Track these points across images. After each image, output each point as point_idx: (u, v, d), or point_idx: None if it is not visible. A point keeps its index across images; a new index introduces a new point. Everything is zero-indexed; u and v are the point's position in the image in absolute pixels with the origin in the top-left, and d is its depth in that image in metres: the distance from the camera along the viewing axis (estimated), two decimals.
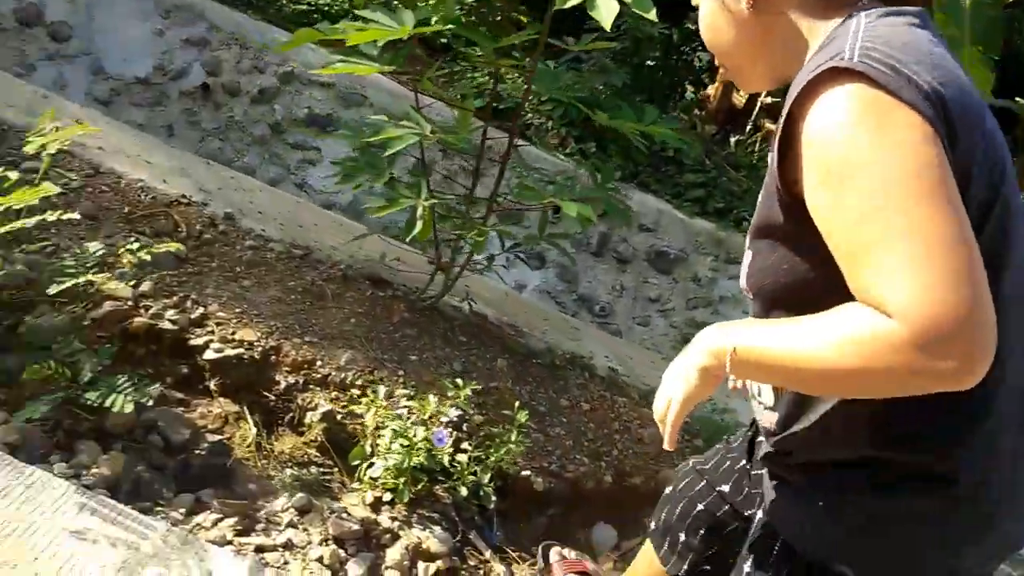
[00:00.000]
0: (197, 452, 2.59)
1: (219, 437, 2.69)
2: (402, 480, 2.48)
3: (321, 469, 2.75)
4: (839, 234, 0.89)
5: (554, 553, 2.52)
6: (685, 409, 1.14)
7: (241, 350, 2.83)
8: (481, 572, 2.53)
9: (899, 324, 0.81)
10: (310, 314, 3.13)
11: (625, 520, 3.02)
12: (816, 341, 0.88)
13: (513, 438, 2.61)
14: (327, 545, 2.31)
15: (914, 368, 0.80)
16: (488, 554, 2.55)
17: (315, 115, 6.27)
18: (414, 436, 2.48)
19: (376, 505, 2.59)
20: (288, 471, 2.67)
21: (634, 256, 6.39)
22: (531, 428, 3.00)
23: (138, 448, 2.49)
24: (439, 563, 2.37)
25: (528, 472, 2.81)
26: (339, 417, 2.79)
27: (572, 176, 5.58)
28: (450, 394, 2.68)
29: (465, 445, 2.69)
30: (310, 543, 2.31)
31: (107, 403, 2.29)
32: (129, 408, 2.27)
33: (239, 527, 2.30)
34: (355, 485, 2.72)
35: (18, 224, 2.22)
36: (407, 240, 2.80)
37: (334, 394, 2.84)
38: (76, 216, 2.30)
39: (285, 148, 6.28)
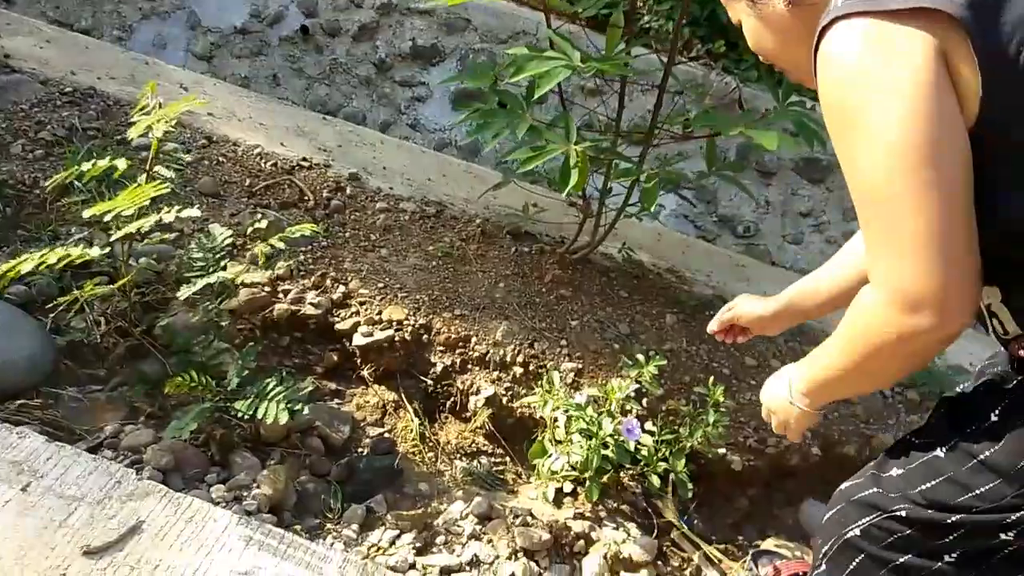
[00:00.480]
0: (360, 452, 2.35)
1: (380, 430, 2.44)
2: (588, 475, 2.16)
3: (492, 459, 2.47)
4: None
5: (764, 563, 2.16)
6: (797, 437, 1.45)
7: (391, 331, 2.54)
8: (688, 573, 2.21)
9: (878, 292, 1.00)
10: (456, 282, 2.81)
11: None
12: (838, 352, 1.15)
13: (711, 419, 2.22)
14: (516, 559, 2.03)
15: (897, 326, 0.99)
16: (697, 556, 2.21)
17: (419, 47, 5.85)
18: (600, 429, 2.14)
19: (558, 498, 2.29)
20: (458, 464, 2.41)
21: (779, 166, 5.74)
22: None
23: (297, 455, 2.27)
24: (644, 573, 2.06)
25: (723, 450, 2.44)
26: (504, 400, 2.48)
27: (707, 87, 4.97)
28: (632, 373, 2.31)
29: (648, 425, 2.33)
30: (497, 558, 2.04)
31: (259, 414, 2.04)
32: (284, 419, 2.03)
33: (418, 543, 2.05)
34: (533, 480, 2.43)
35: (132, 228, 1.95)
36: (564, 193, 2.40)
37: (495, 374, 2.53)
38: (195, 214, 2.02)
39: (392, 87, 5.91)
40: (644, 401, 2.50)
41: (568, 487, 2.35)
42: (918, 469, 1.25)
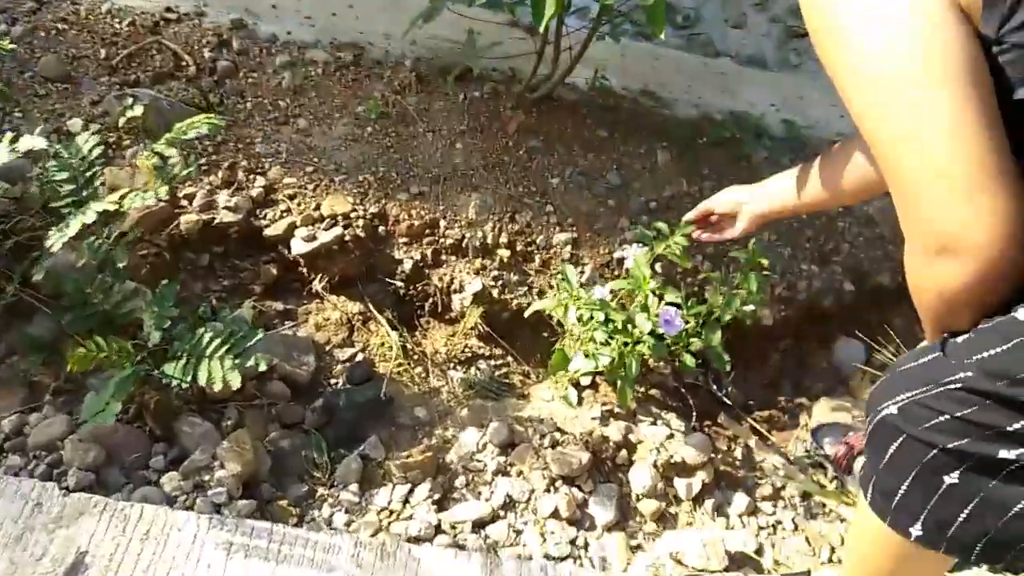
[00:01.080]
0: (334, 385, 1.91)
1: (351, 352, 1.98)
2: (620, 377, 1.79)
3: (492, 362, 2.07)
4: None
5: (831, 441, 1.88)
6: None
7: (338, 229, 2.01)
8: (739, 455, 1.92)
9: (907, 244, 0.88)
10: (403, 150, 2.25)
11: (872, 328, 2.35)
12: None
13: (753, 286, 1.84)
14: (555, 490, 1.68)
15: (929, 279, 0.89)
16: (743, 435, 1.92)
17: None
18: (635, 328, 1.74)
19: (579, 395, 1.94)
20: (454, 376, 1.99)
21: None
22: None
23: (259, 407, 1.81)
24: (701, 475, 1.75)
25: (752, 306, 2.09)
26: (494, 293, 2.04)
27: None
28: (647, 244, 1.88)
29: (671, 296, 1.94)
30: (533, 492, 1.69)
31: (200, 379, 1.55)
32: (235, 381, 1.54)
33: (436, 494, 1.67)
34: (545, 379, 2.05)
35: None
36: (542, 27, 1.82)
37: (478, 263, 2.06)
38: (39, 143, 1.40)
39: None
40: (658, 266, 2.10)
41: (586, 379, 1.99)
42: (989, 333, 0.93)
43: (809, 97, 2.97)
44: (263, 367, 1.58)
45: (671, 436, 1.85)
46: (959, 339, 1.04)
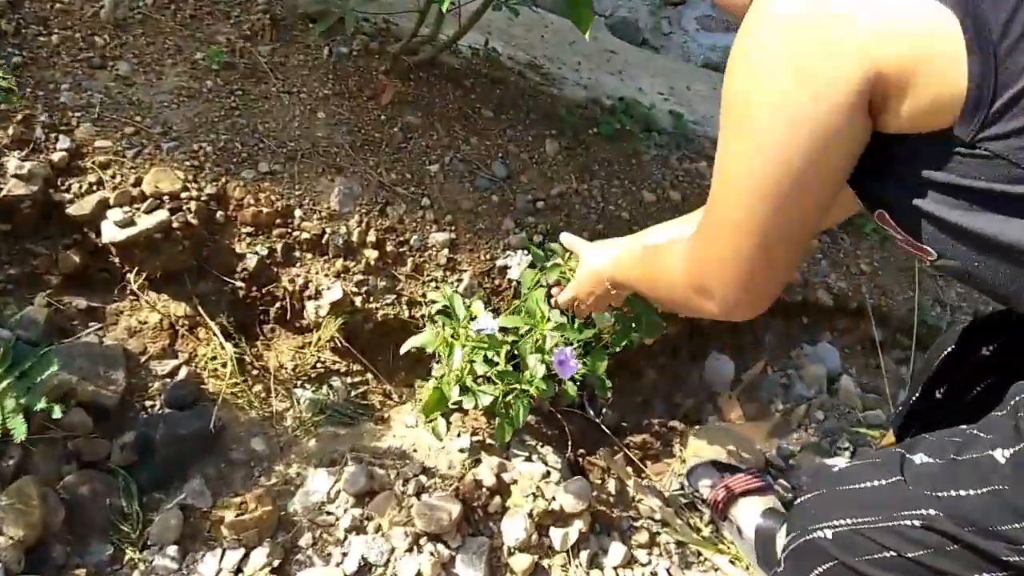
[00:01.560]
0: (151, 410, 1.56)
1: (173, 365, 1.63)
2: (500, 416, 1.57)
3: (348, 379, 1.79)
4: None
5: (705, 483, 1.78)
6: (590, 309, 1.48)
7: (163, 214, 1.64)
8: (610, 483, 1.78)
9: (684, 262, 1.00)
10: (251, 114, 1.87)
11: (742, 345, 2.28)
12: (645, 281, 1.20)
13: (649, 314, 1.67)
14: (419, 549, 1.46)
15: (685, 298, 1.01)
16: (617, 467, 1.78)
17: None
18: (525, 370, 1.52)
19: (448, 421, 1.71)
20: (302, 396, 1.70)
21: None
22: None
23: (50, 441, 1.44)
24: (578, 524, 1.59)
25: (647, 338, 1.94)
26: (357, 301, 1.75)
27: None
28: (538, 266, 1.66)
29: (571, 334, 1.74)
30: (393, 552, 1.46)
31: None
32: (20, 431, 1.18)
33: (275, 559, 1.40)
34: (408, 401, 1.80)
35: None
36: None
37: (339, 264, 1.76)
38: None
39: None
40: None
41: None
42: (964, 469, 0.85)
43: (696, 90, 2.83)
44: (57, 414, 1.23)
45: (547, 475, 1.67)
46: (920, 464, 0.92)
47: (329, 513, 1.49)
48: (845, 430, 2.15)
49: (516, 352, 1.54)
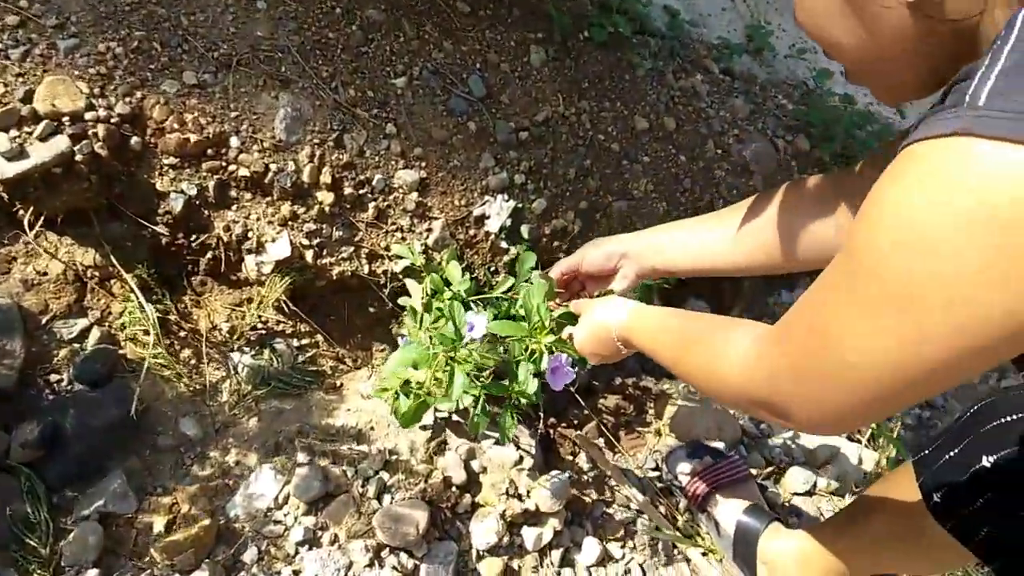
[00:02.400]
0: (57, 388, 1.29)
1: (83, 326, 1.35)
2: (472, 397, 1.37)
3: (293, 340, 1.54)
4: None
5: (682, 473, 1.65)
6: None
7: (62, 141, 1.28)
8: (583, 462, 1.65)
9: (756, 371, 0.80)
10: (174, 4, 1.47)
11: (720, 289, 2.13)
12: (687, 371, 0.95)
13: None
14: (380, 564, 1.30)
15: (744, 402, 0.84)
16: (584, 438, 1.64)
17: None
18: (515, 382, 1.29)
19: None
20: (240, 360, 1.45)
21: None
22: (610, 193, 1.82)
23: None
24: (553, 523, 1.46)
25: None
26: (308, 255, 1.47)
27: None
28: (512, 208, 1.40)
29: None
30: (351, 569, 1.29)
31: None
32: None
33: None
34: (363, 368, 1.57)
35: None
36: None
37: (287, 208, 1.45)
38: None
39: None
40: (526, 229, 1.64)
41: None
42: None
43: None
44: None
45: (520, 461, 1.51)
46: None
47: (277, 522, 1.29)
48: None
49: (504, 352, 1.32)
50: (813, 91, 2.52)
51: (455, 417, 1.54)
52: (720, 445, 1.75)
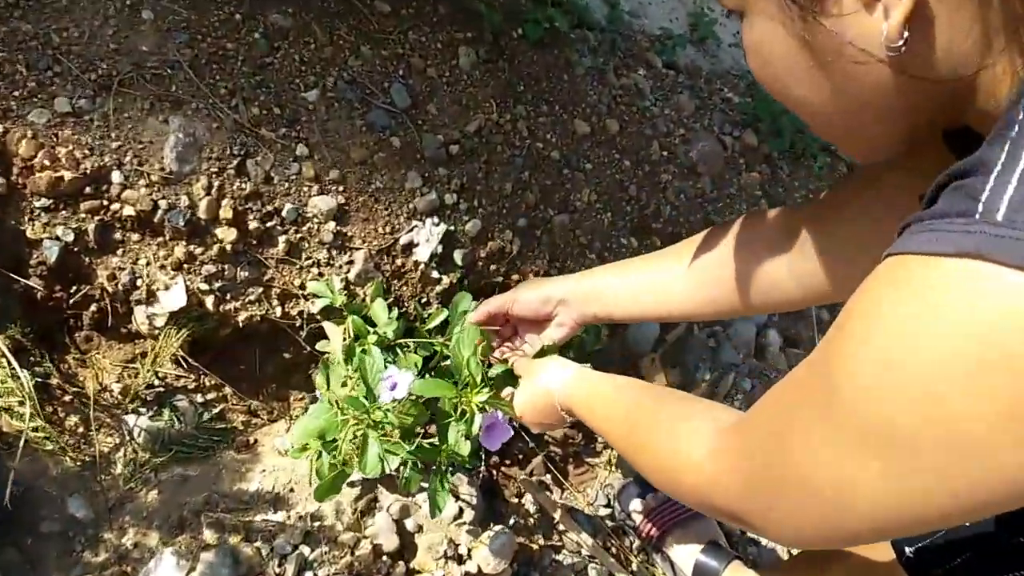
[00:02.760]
0: None
1: None
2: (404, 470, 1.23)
3: (198, 396, 1.37)
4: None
5: (635, 511, 1.54)
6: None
7: None
8: (527, 504, 1.53)
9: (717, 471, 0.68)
10: (39, 14, 1.27)
11: None
12: (635, 455, 0.83)
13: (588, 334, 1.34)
14: None
15: (698, 501, 0.73)
16: (526, 475, 1.52)
17: None
18: (447, 445, 1.15)
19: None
20: (136, 424, 1.28)
21: None
22: (551, 206, 1.68)
23: None
24: None
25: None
26: (210, 302, 1.29)
27: None
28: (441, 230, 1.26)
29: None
30: None
31: None
32: None
33: None
34: (280, 421, 1.41)
35: None
36: None
37: (181, 250, 1.28)
38: None
39: None
40: (459, 254, 1.49)
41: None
42: None
43: None
44: None
45: (460, 514, 1.38)
46: None
47: None
48: None
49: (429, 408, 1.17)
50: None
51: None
52: None
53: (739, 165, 2.12)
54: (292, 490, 1.33)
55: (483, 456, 1.52)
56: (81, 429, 1.24)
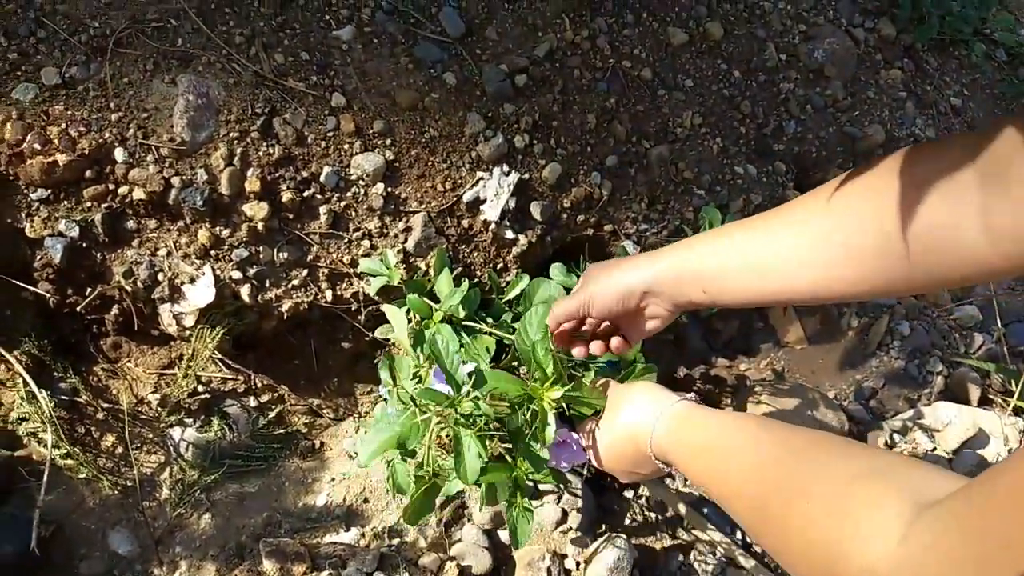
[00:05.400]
0: None
1: None
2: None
3: (253, 401, 1.19)
4: None
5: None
6: None
7: None
8: (644, 495, 1.28)
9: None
10: None
11: None
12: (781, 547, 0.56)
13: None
14: None
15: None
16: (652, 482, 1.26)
17: None
18: (517, 447, 0.91)
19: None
20: (187, 440, 1.11)
21: None
22: (646, 137, 1.39)
23: None
24: None
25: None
26: (244, 292, 1.09)
27: None
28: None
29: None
30: None
31: None
32: None
33: None
34: (347, 420, 1.21)
35: None
36: None
37: (205, 233, 1.07)
38: None
39: None
40: (537, 207, 1.23)
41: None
42: None
43: None
44: None
45: (563, 519, 1.15)
46: None
47: None
48: (937, 346, 1.63)
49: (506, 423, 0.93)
50: None
51: None
52: None
53: (876, 62, 1.74)
54: (367, 500, 1.13)
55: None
56: (119, 449, 1.08)
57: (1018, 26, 2.04)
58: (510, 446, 0.91)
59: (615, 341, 0.89)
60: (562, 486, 1.18)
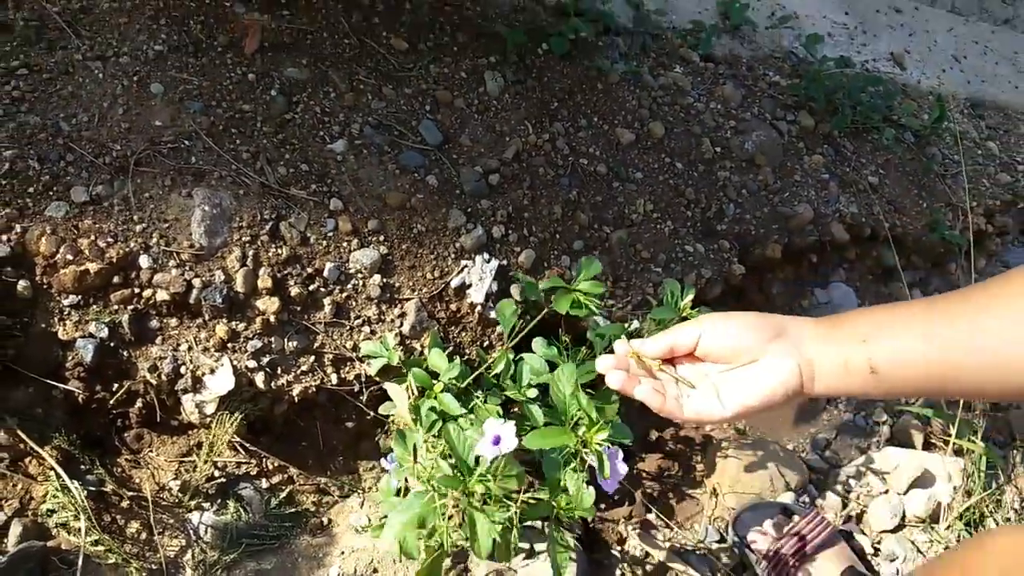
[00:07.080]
0: None
1: (1, 521, 1.08)
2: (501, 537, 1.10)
3: (262, 482, 1.27)
4: None
5: (757, 537, 1.38)
6: None
7: None
8: (632, 548, 1.38)
9: None
10: (46, 103, 1.21)
11: (747, 303, 1.85)
12: None
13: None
14: None
15: None
16: (625, 514, 1.37)
17: None
18: (552, 482, 1.03)
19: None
20: (206, 523, 1.18)
21: None
22: (605, 224, 1.56)
23: None
24: None
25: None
26: (258, 380, 1.20)
27: None
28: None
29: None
30: None
31: None
32: None
33: None
34: (353, 496, 1.30)
35: None
36: None
37: (222, 328, 1.19)
38: None
39: None
40: (515, 288, 1.37)
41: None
42: None
43: None
44: None
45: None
46: None
47: None
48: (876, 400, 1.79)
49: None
50: (804, 60, 2.26)
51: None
52: (789, 497, 1.48)
53: (799, 150, 1.97)
54: (376, 570, 1.21)
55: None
56: (144, 535, 1.15)
57: (920, 111, 2.32)
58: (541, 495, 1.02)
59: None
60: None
